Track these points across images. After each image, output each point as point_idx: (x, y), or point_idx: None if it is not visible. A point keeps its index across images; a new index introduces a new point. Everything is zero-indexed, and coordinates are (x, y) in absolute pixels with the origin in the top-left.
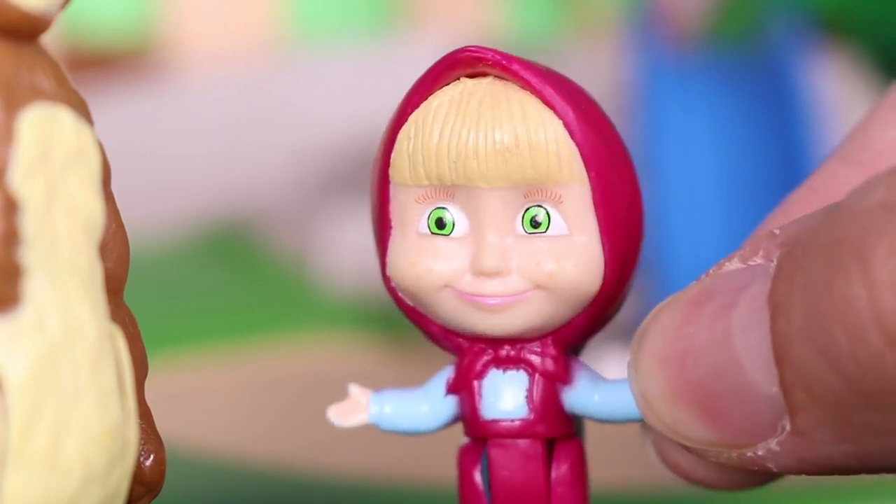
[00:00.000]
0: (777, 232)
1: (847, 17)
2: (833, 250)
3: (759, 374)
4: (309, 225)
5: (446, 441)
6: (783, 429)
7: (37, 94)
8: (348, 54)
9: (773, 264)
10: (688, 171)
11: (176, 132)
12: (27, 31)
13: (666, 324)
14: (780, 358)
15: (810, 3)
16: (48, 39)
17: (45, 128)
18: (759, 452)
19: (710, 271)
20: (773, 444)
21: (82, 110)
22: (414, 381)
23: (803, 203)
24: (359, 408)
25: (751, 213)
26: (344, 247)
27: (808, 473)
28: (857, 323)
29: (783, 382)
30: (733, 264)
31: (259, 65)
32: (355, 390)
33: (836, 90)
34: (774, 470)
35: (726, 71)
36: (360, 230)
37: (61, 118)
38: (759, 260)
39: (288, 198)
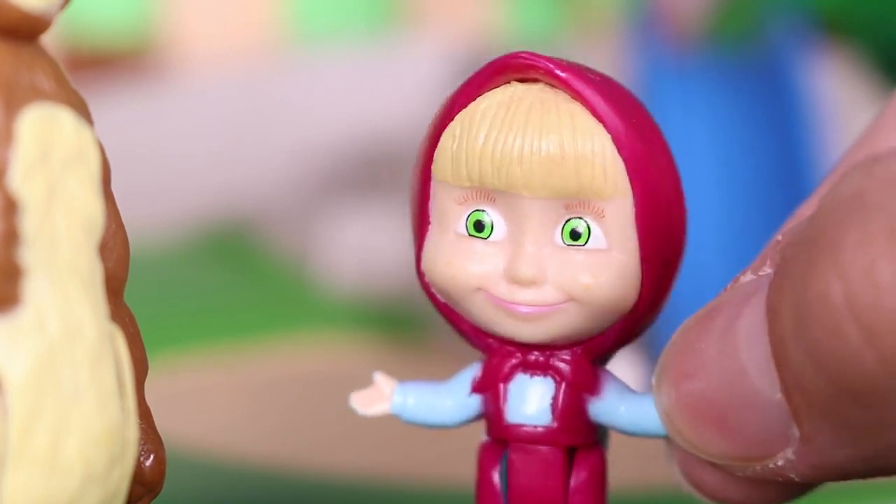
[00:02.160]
0: (780, 238)
1: (847, 17)
2: (811, 246)
3: (763, 380)
4: (309, 225)
5: (446, 442)
6: (794, 437)
7: (37, 94)
8: (348, 54)
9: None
10: (688, 172)
11: (176, 132)
12: (27, 31)
13: (683, 341)
14: (779, 363)
15: (810, 3)
16: (48, 39)
17: (45, 128)
18: (779, 463)
19: (728, 286)
20: (789, 453)
21: (82, 110)
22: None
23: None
24: (382, 397)
25: (751, 214)
26: (344, 247)
27: (827, 480)
28: (834, 319)
29: (784, 387)
30: (746, 277)
31: (259, 65)
32: (380, 379)
33: (836, 90)
34: (797, 480)
35: (726, 71)
36: (360, 230)
37: (61, 118)
38: (767, 269)
39: (288, 198)
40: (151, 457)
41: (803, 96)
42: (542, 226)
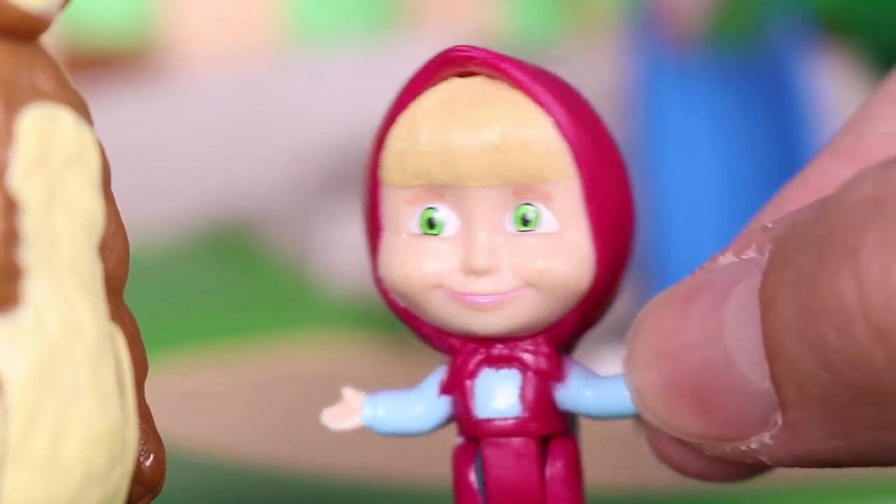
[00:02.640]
0: (769, 226)
1: (847, 17)
2: (822, 245)
3: (751, 368)
4: (309, 225)
5: (445, 441)
6: (775, 423)
7: (37, 94)
8: (348, 54)
9: (765, 258)
10: (688, 171)
11: (176, 132)
12: (27, 31)
13: (660, 318)
14: (771, 353)
15: (810, 3)
16: (48, 39)
17: (45, 128)
18: (753, 446)
19: (705, 265)
20: (766, 437)
21: (82, 110)
22: (414, 381)
23: (796, 197)
24: (352, 410)
25: (750, 213)
26: (344, 247)
27: (802, 466)
28: (845, 318)
29: (774, 377)
30: (727, 258)
31: (259, 65)
32: (348, 393)
33: (836, 90)
34: (768, 463)
35: (726, 71)
36: (361, 230)
37: (61, 118)
38: (751, 254)
39: (288, 198)
40: (151, 457)
41: (803, 96)
42: (493, 215)
